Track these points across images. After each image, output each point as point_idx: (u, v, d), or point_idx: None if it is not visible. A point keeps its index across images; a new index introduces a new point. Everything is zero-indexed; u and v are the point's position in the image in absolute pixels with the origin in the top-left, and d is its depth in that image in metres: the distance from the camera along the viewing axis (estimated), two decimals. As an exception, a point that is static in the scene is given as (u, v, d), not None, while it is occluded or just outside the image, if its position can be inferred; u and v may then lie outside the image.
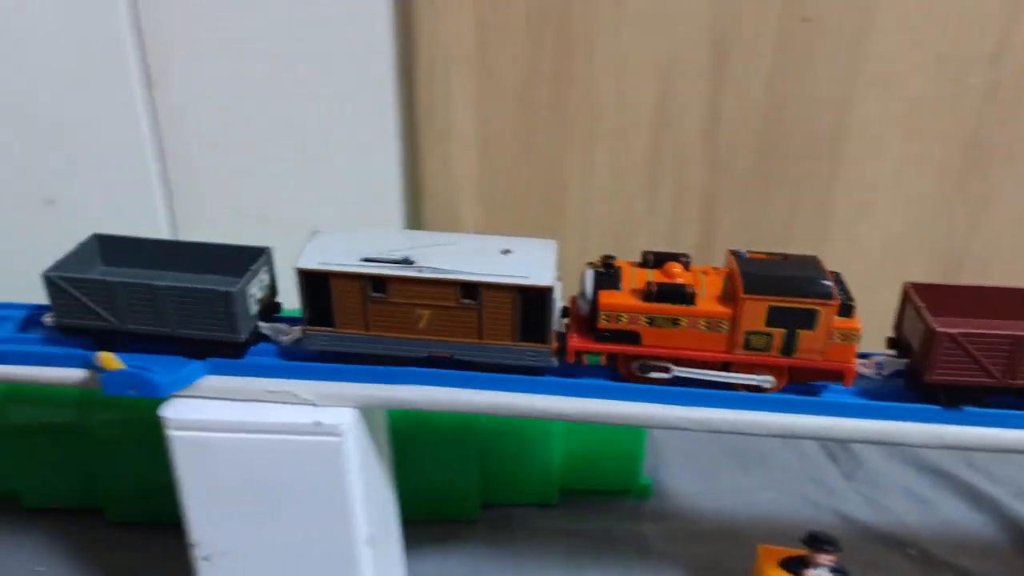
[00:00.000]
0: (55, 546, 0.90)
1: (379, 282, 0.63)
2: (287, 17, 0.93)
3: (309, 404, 0.65)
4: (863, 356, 0.68)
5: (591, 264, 0.66)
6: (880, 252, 1.07)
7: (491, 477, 0.91)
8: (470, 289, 0.63)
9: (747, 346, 0.63)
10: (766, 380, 0.65)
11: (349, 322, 0.65)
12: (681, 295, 0.63)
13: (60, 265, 0.67)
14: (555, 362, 0.66)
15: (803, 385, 0.67)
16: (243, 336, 0.66)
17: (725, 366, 0.65)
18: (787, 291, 0.62)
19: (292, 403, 0.65)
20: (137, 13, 0.91)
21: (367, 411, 0.67)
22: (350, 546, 0.68)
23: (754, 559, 0.82)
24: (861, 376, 0.67)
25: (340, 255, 0.64)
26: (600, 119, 1.00)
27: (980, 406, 0.64)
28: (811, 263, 0.65)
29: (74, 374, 0.67)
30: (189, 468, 0.66)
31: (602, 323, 0.63)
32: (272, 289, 0.71)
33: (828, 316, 0.62)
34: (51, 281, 0.66)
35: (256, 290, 0.67)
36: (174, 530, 0.90)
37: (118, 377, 0.63)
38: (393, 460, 0.79)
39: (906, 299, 0.69)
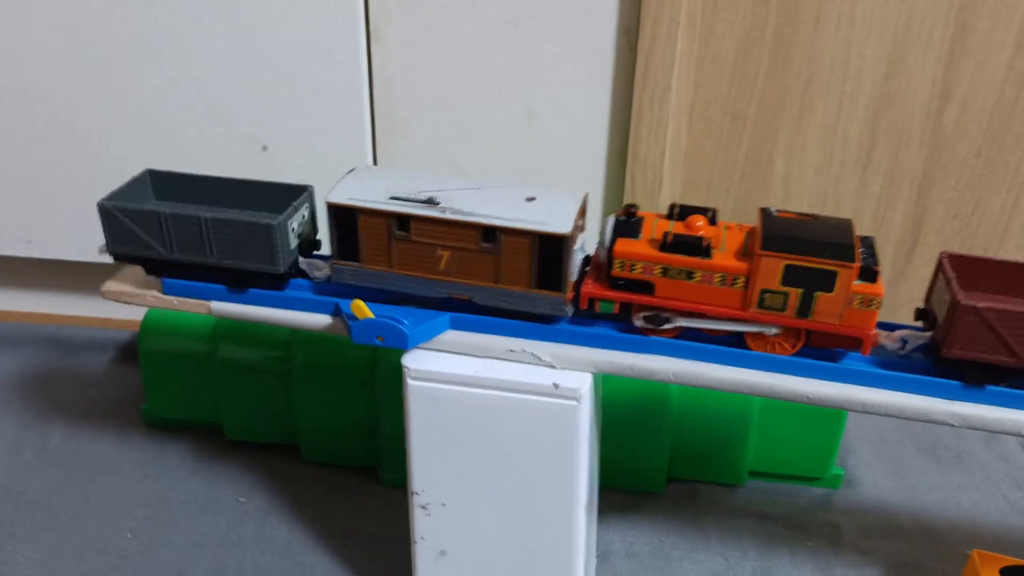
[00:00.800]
0: (254, 477, 0.94)
1: (403, 220, 0.64)
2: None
3: (548, 366, 0.65)
4: (889, 327, 0.65)
5: (616, 214, 0.65)
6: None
7: (681, 452, 0.90)
8: (490, 233, 0.63)
9: (761, 304, 0.61)
10: (770, 328, 0.62)
11: (374, 258, 0.66)
12: (696, 247, 0.61)
13: (114, 196, 0.70)
14: (569, 311, 0.65)
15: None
16: (283, 268, 0.68)
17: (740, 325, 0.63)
18: (805, 250, 0.59)
19: (530, 363, 0.65)
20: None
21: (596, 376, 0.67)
22: (570, 510, 0.68)
23: (960, 562, 0.78)
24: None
25: (370, 192, 0.65)
26: (818, 90, 0.96)
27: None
28: (841, 225, 0.62)
29: (320, 320, 0.69)
30: (422, 418, 0.67)
31: (616, 270, 0.63)
32: (312, 226, 0.73)
33: (847, 279, 0.59)
34: (105, 210, 0.68)
35: (296, 225, 0.69)
36: (363, 473, 0.94)
37: (367, 326, 0.65)
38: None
39: (939, 270, 0.64)
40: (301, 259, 0.71)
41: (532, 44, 0.96)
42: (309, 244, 0.72)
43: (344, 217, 0.65)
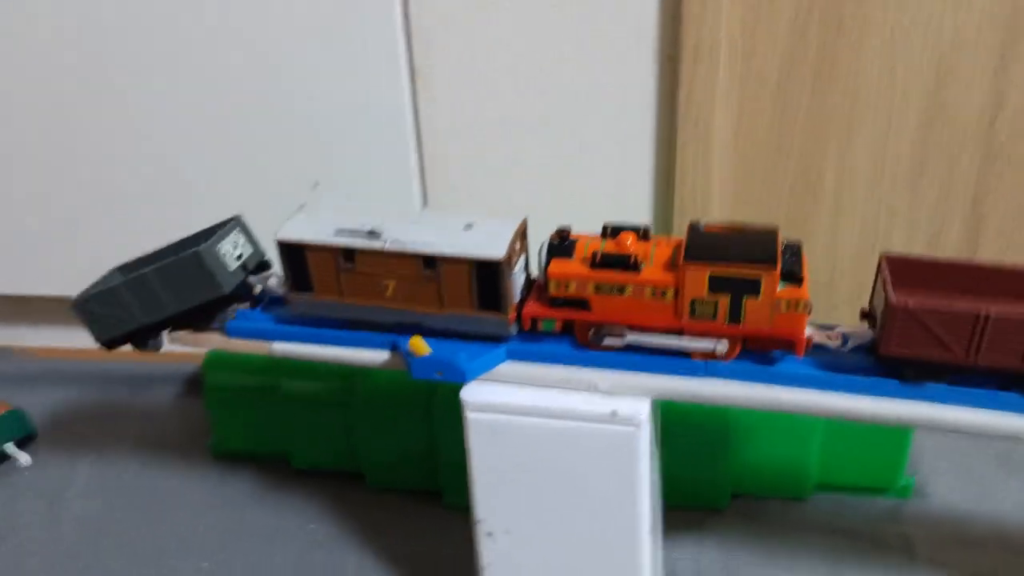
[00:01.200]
0: (321, 505, 0.96)
1: (348, 253, 0.68)
2: (551, 10, 0.94)
3: (605, 393, 0.66)
4: (827, 327, 0.66)
5: (550, 237, 0.69)
6: None
7: (743, 467, 0.90)
8: (429, 261, 0.66)
9: (693, 314, 0.63)
10: (721, 343, 0.64)
11: (325, 289, 0.70)
12: (624, 263, 0.64)
13: (84, 293, 0.76)
14: (513, 330, 0.68)
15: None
16: (227, 289, 0.72)
17: (680, 335, 0.65)
18: (727, 258, 0.61)
19: (588, 391, 0.66)
20: (407, 3, 0.95)
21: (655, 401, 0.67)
22: (634, 535, 0.69)
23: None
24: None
25: (318, 228, 0.69)
26: (865, 106, 0.95)
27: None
28: (766, 234, 0.64)
29: (380, 357, 0.71)
30: (482, 448, 0.68)
31: (552, 290, 0.66)
32: (254, 248, 0.77)
33: (771, 284, 0.61)
34: (77, 306, 0.75)
35: (230, 248, 0.73)
36: (427, 497, 0.95)
37: (426, 362, 0.66)
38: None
39: (878, 271, 0.65)
40: (254, 278, 0.76)
41: (576, 75, 0.97)
42: (258, 265, 0.77)
43: (294, 252, 0.69)
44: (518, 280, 0.68)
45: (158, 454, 1.04)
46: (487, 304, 0.67)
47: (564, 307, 0.66)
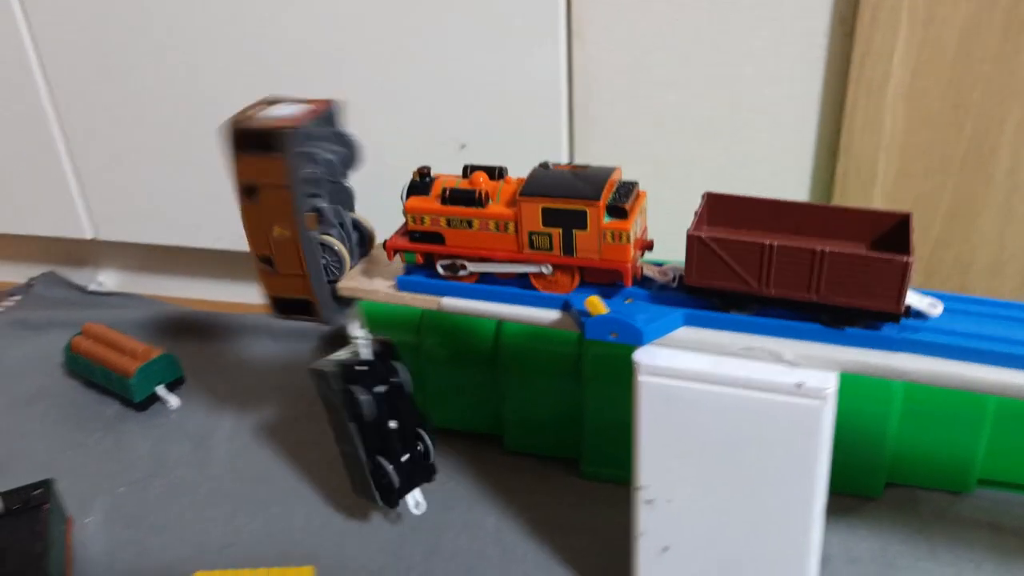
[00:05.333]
0: (459, 465, 0.96)
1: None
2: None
3: (789, 364, 0.63)
4: (658, 264, 0.71)
5: (412, 175, 0.72)
6: None
7: (902, 454, 0.86)
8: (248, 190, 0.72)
9: (532, 245, 0.68)
10: (546, 266, 0.69)
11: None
12: (470, 198, 0.68)
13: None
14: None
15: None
16: None
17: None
18: (557, 193, 0.65)
19: (769, 361, 0.64)
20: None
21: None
22: (806, 513, 0.66)
23: None
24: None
25: None
26: (1055, 73, 0.89)
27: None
28: (602, 172, 0.67)
29: (549, 315, 0.70)
30: (652, 414, 0.66)
31: (410, 224, 0.71)
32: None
33: (596, 217, 0.65)
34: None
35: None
36: (564, 464, 0.95)
37: (601, 322, 0.65)
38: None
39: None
40: None
41: (738, 36, 0.94)
42: None
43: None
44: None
45: (298, 403, 1.07)
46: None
47: (422, 241, 0.71)
